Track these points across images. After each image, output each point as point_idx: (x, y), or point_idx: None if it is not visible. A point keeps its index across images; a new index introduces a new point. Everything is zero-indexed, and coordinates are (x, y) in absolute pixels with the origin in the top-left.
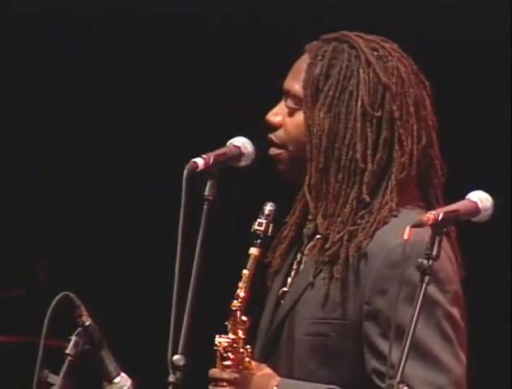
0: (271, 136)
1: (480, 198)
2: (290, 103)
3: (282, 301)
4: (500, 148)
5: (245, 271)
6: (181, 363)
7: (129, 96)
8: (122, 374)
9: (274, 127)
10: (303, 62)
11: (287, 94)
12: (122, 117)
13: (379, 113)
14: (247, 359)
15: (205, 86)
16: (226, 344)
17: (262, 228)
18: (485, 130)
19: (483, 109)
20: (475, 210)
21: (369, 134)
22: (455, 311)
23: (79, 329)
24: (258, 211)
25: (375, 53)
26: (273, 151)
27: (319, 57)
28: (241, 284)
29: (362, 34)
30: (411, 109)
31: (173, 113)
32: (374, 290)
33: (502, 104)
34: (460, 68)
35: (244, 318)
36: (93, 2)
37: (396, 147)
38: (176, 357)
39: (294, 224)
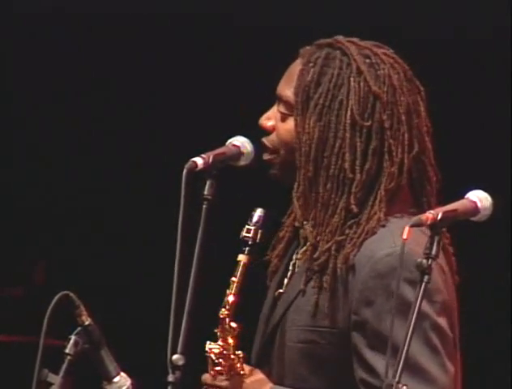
0: (264, 140)
1: (479, 198)
2: (282, 108)
3: (278, 303)
4: (500, 148)
5: (233, 279)
6: (181, 363)
7: (129, 96)
8: (122, 374)
9: (266, 131)
10: (296, 67)
11: (279, 99)
12: (122, 117)
13: (369, 123)
14: (238, 365)
15: (205, 86)
16: (216, 351)
17: (250, 235)
18: (485, 130)
19: (483, 109)
20: (474, 209)
21: (358, 143)
22: (443, 321)
23: (79, 328)
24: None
25: (367, 60)
26: (266, 156)
27: (311, 64)
28: (228, 292)
29: (356, 40)
30: (403, 117)
31: (173, 113)
32: (361, 301)
33: (502, 104)
34: (460, 68)
35: (233, 324)
36: (93, 2)
37: (386, 156)
38: (175, 357)
39: (290, 225)
